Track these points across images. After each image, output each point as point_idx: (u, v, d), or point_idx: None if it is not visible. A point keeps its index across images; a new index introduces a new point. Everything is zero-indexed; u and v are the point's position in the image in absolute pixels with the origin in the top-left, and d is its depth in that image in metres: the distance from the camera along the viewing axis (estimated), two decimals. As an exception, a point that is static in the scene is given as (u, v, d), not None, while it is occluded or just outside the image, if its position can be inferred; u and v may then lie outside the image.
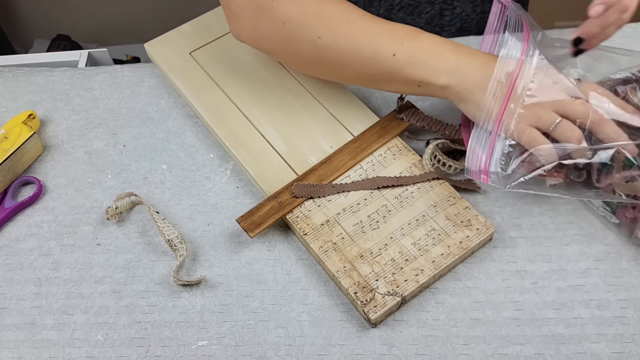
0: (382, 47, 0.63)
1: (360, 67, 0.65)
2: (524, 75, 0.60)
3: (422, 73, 0.63)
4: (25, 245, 0.69)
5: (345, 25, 0.64)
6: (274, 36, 0.66)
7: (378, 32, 0.64)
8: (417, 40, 0.63)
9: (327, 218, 0.66)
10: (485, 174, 0.62)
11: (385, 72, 0.65)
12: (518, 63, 0.60)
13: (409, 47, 0.63)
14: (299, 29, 0.65)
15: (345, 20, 0.64)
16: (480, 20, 0.88)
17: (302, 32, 0.65)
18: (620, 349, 0.59)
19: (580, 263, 0.64)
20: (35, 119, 0.77)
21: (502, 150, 0.62)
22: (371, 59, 0.64)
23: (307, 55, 0.67)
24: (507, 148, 0.62)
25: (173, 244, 0.66)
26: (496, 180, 0.62)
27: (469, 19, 0.87)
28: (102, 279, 0.66)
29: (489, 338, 0.60)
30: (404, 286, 0.61)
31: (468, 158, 0.63)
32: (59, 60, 0.89)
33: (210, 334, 0.62)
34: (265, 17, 0.65)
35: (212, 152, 0.75)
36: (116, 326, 0.63)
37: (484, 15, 0.87)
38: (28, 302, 0.65)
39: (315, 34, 0.64)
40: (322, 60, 0.67)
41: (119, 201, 0.70)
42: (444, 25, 0.87)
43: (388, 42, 0.63)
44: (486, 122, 0.62)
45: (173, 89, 0.81)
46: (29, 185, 0.75)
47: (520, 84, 0.60)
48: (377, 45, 0.64)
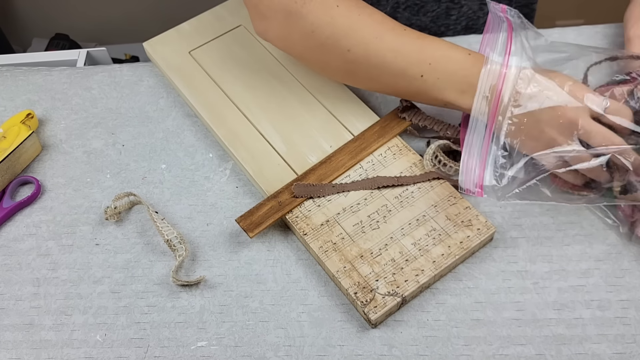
0: (411, 67, 0.64)
1: (389, 83, 0.66)
2: (508, 87, 0.60)
3: (448, 95, 0.64)
4: (23, 245, 0.69)
5: (374, 41, 0.64)
6: (303, 43, 0.66)
7: (407, 51, 0.64)
8: (446, 61, 0.63)
9: (327, 218, 0.66)
10: (479, 187, 0.62)
11: (414, 90, 0.65)
12: (500, 76, 0.61)
13: (437, 69, 0.63)
14: (328, 40, 0.64)
15: (374, 36, 0.64)
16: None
17: (331, 42, 0.65)
18: (621, 349, 0.59)
19: (581, 263, 0.64)
20: (34, 119, 0.77)
21: (496, 161, 0.62)
22: (400, 76, 0.65)
23: (336, 65, 0.67)
24: (500, 159, 0.62)
25: (172, 244, 0.66)
26: (491, 193, 0.62)
27: (475, 17, 0.87)
28: (101, 279, 0.66)
29: (490, 339, 0.60)
30: (404, 286, 0.61)
31: (462, 172, 0.63)
32: (57, 60, 0.89)
33: (209, 335, 0.62)
34: (294, 23, 0.65)
35: (211, 151, 0.75)
36: (115, 327, 0.63)
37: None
38: (26, 303, 0.65)
39: (344, 47, 0.64)
40: (351, 72, 0.67)
41: (117, 201, 0.70)
42: (449, 24, 0.87)
43: (416, 63, 0.63)
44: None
45: (172, 88, 0.81)
46: (27, 185, 0.75)
47: (505, 95, 0.60)
48: (406, 64, 0.64)
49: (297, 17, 0.64)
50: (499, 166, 0.62)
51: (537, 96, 0.59)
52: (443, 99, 0.64)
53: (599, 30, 0.82)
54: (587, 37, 0.81)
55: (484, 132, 0.62)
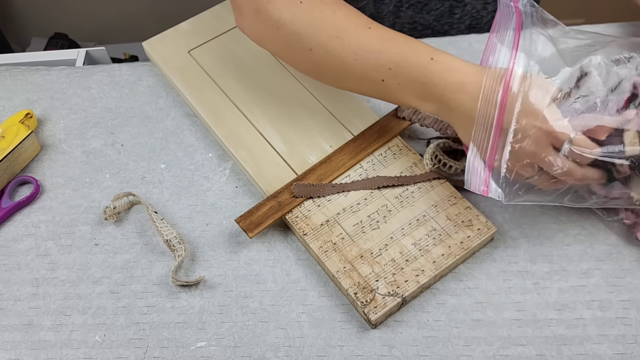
0: (371, 72, 0.62)
1: (353, 85, 0.65)
2: (514, 92, 0.58)
3: (410, 100, 0.62)
4: (22, 246, 0.69)
5: (335, 41, 0.62)
6: (272, 39, 0.66)
7: (367, 55, 0.62)
8: (406, 67, 0.61)
9: (326, 218, 0.66)
10: (485, 186, 0.60)
11: (379, 93, 0.64)
12: (501, 106, 0.58)
13: (397, 75, 0.61)
14: (292, 37, 0.64)
15: (335, 35, 0.62)
16: (491, 19, 0.88)
17: (295, 40, 0.64)
18: (622, 350, 0.59)
19: (582, 263, 0.64)
20: (33, 118, 0.77)
21: (502, 163, 0.60)
22: (362, 79, 0.63)
23: (304, 62, 0.66)
24: (507, 162, 0.60)
25: (171, 244, 0.66)
26: (496, 193, 0.60)
27: (479, 16, 0.86)
28: (100, 280, 0.66)
29: (490, 339, 0.60)
30: (405, 287, 0.61)
31: (467, 171, 0.60)
32: (56, 59, 0.89)
33: (209, 335, 0.62)
34: (262, 19, 0.65)
35: (210, 151, 0.75)
36: (114, 327, 0.63)
37: (495, 14, 0.87)
38: (25, 303, 0.65)
39: (307, 46, 0.63)
40: (317, 71, 0.66)
41: (117, 201, 0.70)
42: (453, 23, 0.86)
43: (376, 67, 0.62)
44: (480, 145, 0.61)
45: (171, 87, 0.81)
46: (26, 185, 0.75)
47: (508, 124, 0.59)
48: (366, 68, 0.62)
49: (264, 13, 0.64)
50: (505, 169, 0.60)
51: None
52: (405, 102, 0.63)
53: (600, 30, 0.82)
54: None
55: (491, 131, 0.60)
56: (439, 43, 0.82)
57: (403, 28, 0.86)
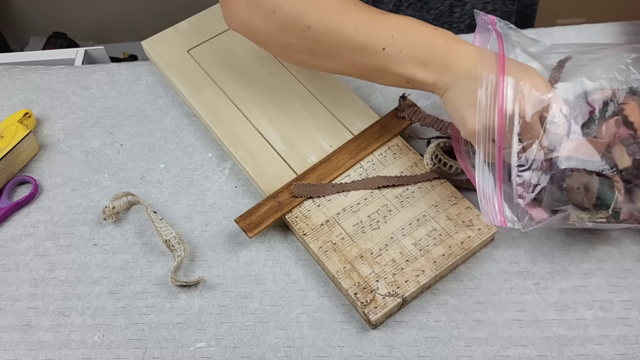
0: (372, 40, 0.63)
1: (349, 59, 0.65)
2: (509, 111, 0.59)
3: (409, 69, 0.62)
4: (20, 246, 0.69)
5: (336, 15, 0.63)
6: (265, 25, 0.66)
7: (369, 24, 0.63)
8: (409, 34, 0.62)
9: (326, 218, 0.66)
10: (501, 215, 0.59)
11: (375, 65, 0.64)
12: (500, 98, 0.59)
13: (399, 41, 0.62)
14: (289, 18, 0.64)
15: (335, 10, 0.63)
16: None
17: (292, 20, 0.64)
18: (623, 350, 0.59)
19: (583, 264, 0.64)
20: (31, 118, 0.77)
21: (513, 192, 0.60)
22: (361, 51, 0.63)
23: (297, 45, 0.66)
24: (516, 190, 0.60)
25: (171, 244, 0.66)
26: (514, 222, 0.59)
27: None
28: (99, 280, 0.66)
29: (491, 339, 0.60)
30: (405, 287, 0.61)
31: (481, 207, 0.60)
32: (55, 58, 0.89)
33: (208, 336, 0.62)
34: (257, 6, 0.65)
35: (210, 151, 0.75)
36: (113, 327, 0.63)
37: (494, 14, 0.87)
38: (24, 303, 0.65)
39: (305, 24, 0.64)
40: (312, 51, 0.66)
41: (115, 201, 0.70)
42: (452, 22, 0.87)
43: (378, 35, 0.62)
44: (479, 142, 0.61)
45: (171, 87, 0.81)
46: (24, 185, 0.75)
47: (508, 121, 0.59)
48: (367, 37, 0.63)
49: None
50: (517, 196, 0.60)
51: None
52: (404, 73, 0.63)
53: (600, 29, 0.82)
54: (589, 36, 0.81)
55: (492, 168, 0.60)
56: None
57: None
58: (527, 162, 0.59)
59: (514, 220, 0.59)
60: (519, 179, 0.59)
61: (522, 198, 0.59)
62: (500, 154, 0.59)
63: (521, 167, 0.60)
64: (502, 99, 0.58)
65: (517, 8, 0.90)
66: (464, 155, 0.65)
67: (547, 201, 0.60)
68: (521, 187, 0.59)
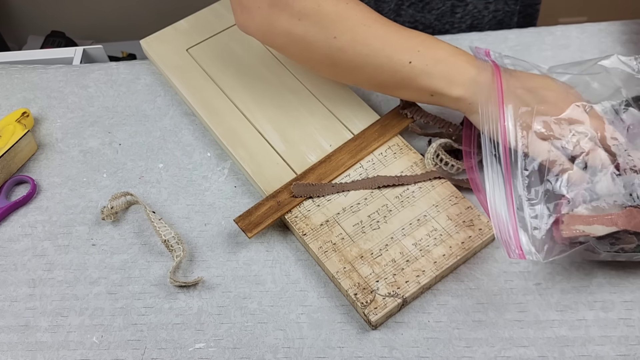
0: (398, 54, 0.64)
1: (373, 72, 0.65)
2: (512, 140, 0.61)
3: (436, 83, 0.64)
4: (18, 246, 0.69)
5: (362, 28, 0.64)
6: (287, 32, 0.66)
7: (395, 38, 0.64)
8: (434, 49, 0.64)
9: (326, 218, 0.66)
10: (519, 249, 0.58)
11: (399, 78, 0.65)
12: (502, 131, 0.60)
13: (426, 55, 0.63)
14: (314, 27, 0.64)
15: (362, 23, 0.64)
16: (493, 19, 0.88)
17: (317, 30, 0.64)
18: (625, 351, 0.59)
19: (584, 264, 0.64)
20: (29, 117, 0.77)
21: (527, 224, 0.59)
22: (386, 64, 0.64)
23: (320, 54, 0.66)
24: (531, 221, 0.59)
25: (169, 244, 0.66)
26: (532, 254, 0.58)
27: (480, 16, 0.87)
28: (97, 280, 0.66)
29: (492, 340, 0.60)
30: (405, 287, 0.61)
31: (495, 225, 0.59)
32: (53, 57, 0.89)
33: (207, 336, 0.62)
34: (280, 12, 0.65)
35: (209, 150, 0.75)
36: (111, 328, 0.63)
37: (496, 14, 0.87)
38: (22, 304, 0.65)
39: (331, 34, 0.64)
40: (335, 61, 0.66)
41: (114, 201, 0.70)
42: (454, 22, 0.87)
43: (404, 49, 0.64)
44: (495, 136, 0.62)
45: (169, 86, 0.81)
46: (22, 185, 0.75)
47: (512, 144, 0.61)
48: (394, 51, 0.64)
49: (283, 6, 0.64)
50: (532, 228, 0.59)
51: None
52: (430, 86, 0.64)
53: (602, 28, 0.82)
54: (590, 35, 0.81)
55: (504, 195, 0.60)
56: (439, 41, 0.82)
57: (404, 26, 0.86)
58: (537, 195, 0.60)
59: (532, 252, 0.58)
60: (531, 211, 0.59)
61: (538, 229, 0.59)
62: (509, 184, 0.59)
63: (532, 201, 0.60)
64: (504, 133, 0.59)
65: (519, 8, 0.90)
66: (473, 163, 0.65)
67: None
68: (535, 219, 0.59)
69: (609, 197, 0.58)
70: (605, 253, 0.59)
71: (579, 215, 0.58)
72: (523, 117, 0.61)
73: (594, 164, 0.59)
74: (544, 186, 0.60)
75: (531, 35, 0.82)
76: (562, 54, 0.79)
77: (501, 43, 0.81)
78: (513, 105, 0.61)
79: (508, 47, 0.81)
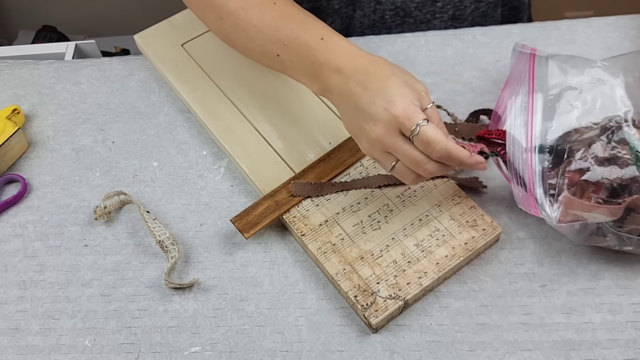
0: (268, 46, 0.65)
1: (257, 56, 0.68)
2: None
3: (302, 79, 0.65)
4: (9, 247, 0.69)
5: (241, 12, 0.66)
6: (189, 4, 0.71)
7: (267, 28, 0.65)
8: (297, 44, 0.63)
9: (325, 218, 0.66)
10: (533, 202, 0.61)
11: (276, 67, 0.67)
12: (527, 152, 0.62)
13: (290, 51, 0.64)
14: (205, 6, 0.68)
15: (240, 7, 0.66)
16: (475, 10, 0.88)
17: (208, 9, 0.68)
18: (633, 355, 0.59)
19: (591, 265, 0.64)
20: (20, 114, 0.77)
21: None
22: (262, 53, 0.66)
23: (217, 30, 0.70)
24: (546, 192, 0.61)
25: (164, 245, 0.66)
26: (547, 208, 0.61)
27: (462, 7, 0.87)
28: (90, 282, 0.66)
29: (496, 344, 0.60)
30: (407, 289, 0.61)
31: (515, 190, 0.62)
32: (44, 53, 0.89)
33: (203, 340, 0.62)
34: None
35: (205, 148, 0.75)
36: (105, 331, 0.63)
37: (478, 5, 0.88)
38: (12, 306, 0.65)
39: (218, 15, 0.67)
40: (228, 39, 0.70)
41: (107, 200, 0.70)
42: (435, 11, 0.87)
43: (273, 42, 0.64)
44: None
45: (164, 82, 0.81)
46: (13, 184, 0.75)
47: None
48: (264, 42, 0.65)
49: None
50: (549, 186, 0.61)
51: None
52: (300, 81, 0.65)
53: (609, 22, 0.82)
54: (597, 30, 0.81)
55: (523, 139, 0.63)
56: (443, 36, 0.82)
57: (384, 14, 0.87)
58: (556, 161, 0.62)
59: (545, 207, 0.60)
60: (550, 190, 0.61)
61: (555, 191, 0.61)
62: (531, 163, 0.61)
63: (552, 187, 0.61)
64: (531, 114, 0.62)
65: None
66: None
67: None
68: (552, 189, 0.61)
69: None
70: (611, 236, 0.60)
71: (579, 201, 0.59)
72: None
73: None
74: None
75: (536, 30, 0.82)
76: (568, 49, 0.79)
77: (506, 38, 0.81)
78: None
79: (513, 41, 0.81)
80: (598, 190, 0.59)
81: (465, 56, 0.80)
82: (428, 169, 0.58)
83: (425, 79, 0.78)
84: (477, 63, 0.79)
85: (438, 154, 0.57)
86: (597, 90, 0.64)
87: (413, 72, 0.78)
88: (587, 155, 0.60)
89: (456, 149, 0.57)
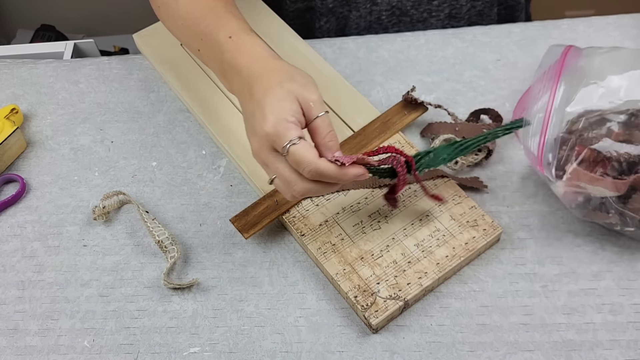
0: (191, 39, 0.66)
1: (190, 48, 0.68)
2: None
3: (217, 75, 0.64)
4: (7, 247, 0.69)
5: (172, 3, 0.67)
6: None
7: (190, 22, 0.65)
8: (210, 38, 0.63)
9: (325, 218, 0.66)
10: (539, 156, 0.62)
11: (204, 62, 0.66)
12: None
13: (205, 47, 0.64)
14: None
15: None
16: (472, 9, 0.88)
17: None
18: (634, 355, 0.59)
19: (592, 265, 0.64)
20: (18, 114, 0.77)
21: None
22: (189, 47, 0.68)
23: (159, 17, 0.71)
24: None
25: (163, 245, 0.66)
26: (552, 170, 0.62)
27: (458, 5, 0.87)
28: (89, 282, 0.66)
29: (496, 344, 0.60)
30: (407, 290, 0.61)
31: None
32: (43, 52, 0.89)
33: (202, 340, 0.62)
34: None
35: (204, 148, 0.75)
36: (103, 332, 0.63)
37: (475, 4, 0.88)
38: (11, 307, 0.65)
39: (156, 4, 0.70)
40: (167, 27, 0.71)
41: (106, 200, 0.70)
42: (432, 10, 0.87)
43: (195, 36, 0.65)
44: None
45: (163, 82, 0.81)
46: (11, 184, 0.74)
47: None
48: (188, 35, 0.66)
49: None
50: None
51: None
52: (218, 78, 0.64)
53: (610, 22, 0.82)
54: (598, 29, 0.81)
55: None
56: (443, 35, 0.82)
57: (381, 15, 0.87)
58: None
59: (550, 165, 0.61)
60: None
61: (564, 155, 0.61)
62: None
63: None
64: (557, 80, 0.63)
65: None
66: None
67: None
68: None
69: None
70: (614, 213, 0.60)
71: (585, 172, 0.59)
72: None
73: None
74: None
75: (537, 29, 0.82)
76: (569, 48, 0.79)
77: (506, 37, 0.81)
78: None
79: (513, 41, 0.81)
80: (605, 166, 0.60)
81: (465, 55, 0.80)
82: (296, 189, 0.56)
83: (426, 78, 0.78)
84: (478, 62, 0.79)
85: (309, 175, 0.54)
86: (624, 75, 0.64)
87: (413, 71, 0.78)
88: (602, 132, 0.61)
89: (328, 168, 0.54)
